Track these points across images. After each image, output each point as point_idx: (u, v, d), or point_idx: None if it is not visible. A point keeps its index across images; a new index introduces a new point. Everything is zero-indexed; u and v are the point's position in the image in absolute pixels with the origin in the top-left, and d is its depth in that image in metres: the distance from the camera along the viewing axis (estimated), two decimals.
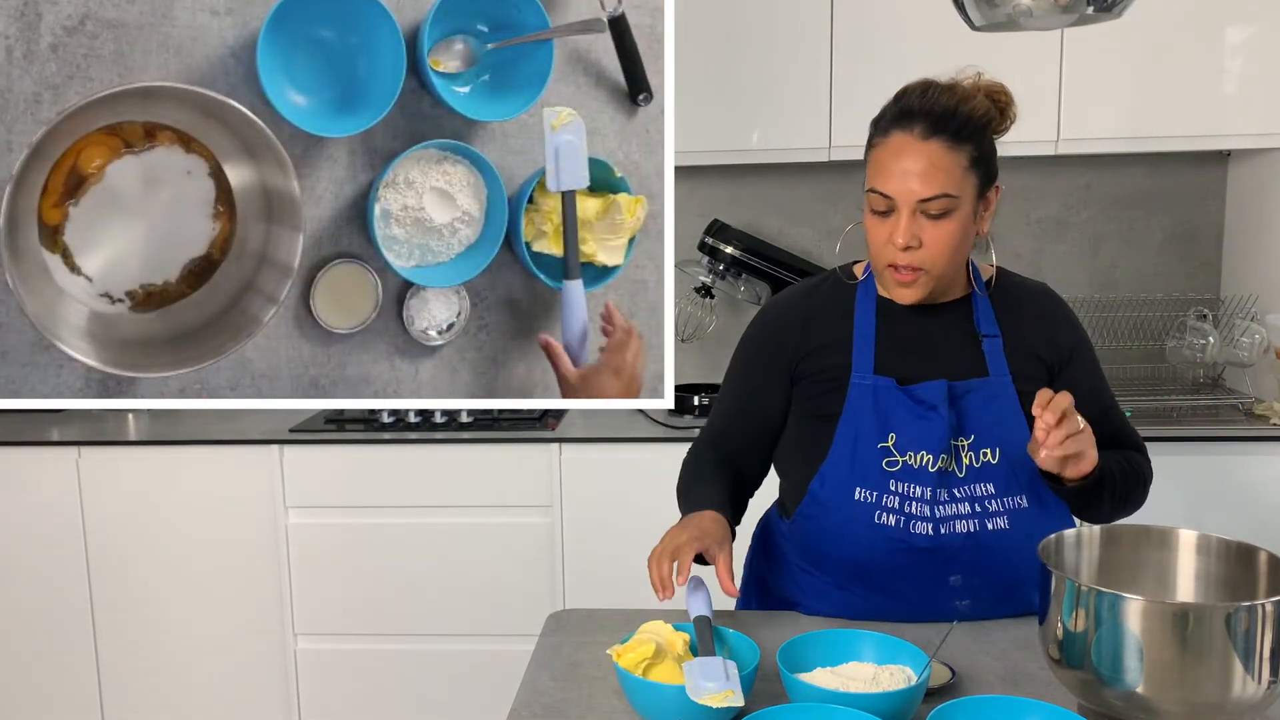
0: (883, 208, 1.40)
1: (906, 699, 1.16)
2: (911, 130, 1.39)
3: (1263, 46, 2.58)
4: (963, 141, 1.40)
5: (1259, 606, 1.05)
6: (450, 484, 2.58)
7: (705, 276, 2.79)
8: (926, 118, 1.38)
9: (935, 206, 1.38)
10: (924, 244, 1.40)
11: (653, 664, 1.24)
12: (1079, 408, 1.36)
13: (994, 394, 1.46)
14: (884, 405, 1.46)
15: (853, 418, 1.47)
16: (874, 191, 1.41)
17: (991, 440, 1.45)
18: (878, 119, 1.44)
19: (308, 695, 2.67)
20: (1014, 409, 1.46)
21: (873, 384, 1.47)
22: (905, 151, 1.38)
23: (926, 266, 1.41)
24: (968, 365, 1.48)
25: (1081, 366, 1.52)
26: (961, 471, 1.45)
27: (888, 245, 1.41)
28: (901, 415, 1.45)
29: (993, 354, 1.48)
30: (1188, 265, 3.03)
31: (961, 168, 1.40)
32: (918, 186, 1.37)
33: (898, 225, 1.39)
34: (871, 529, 1.45)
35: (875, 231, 1.43)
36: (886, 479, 1.45)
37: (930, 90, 1.41)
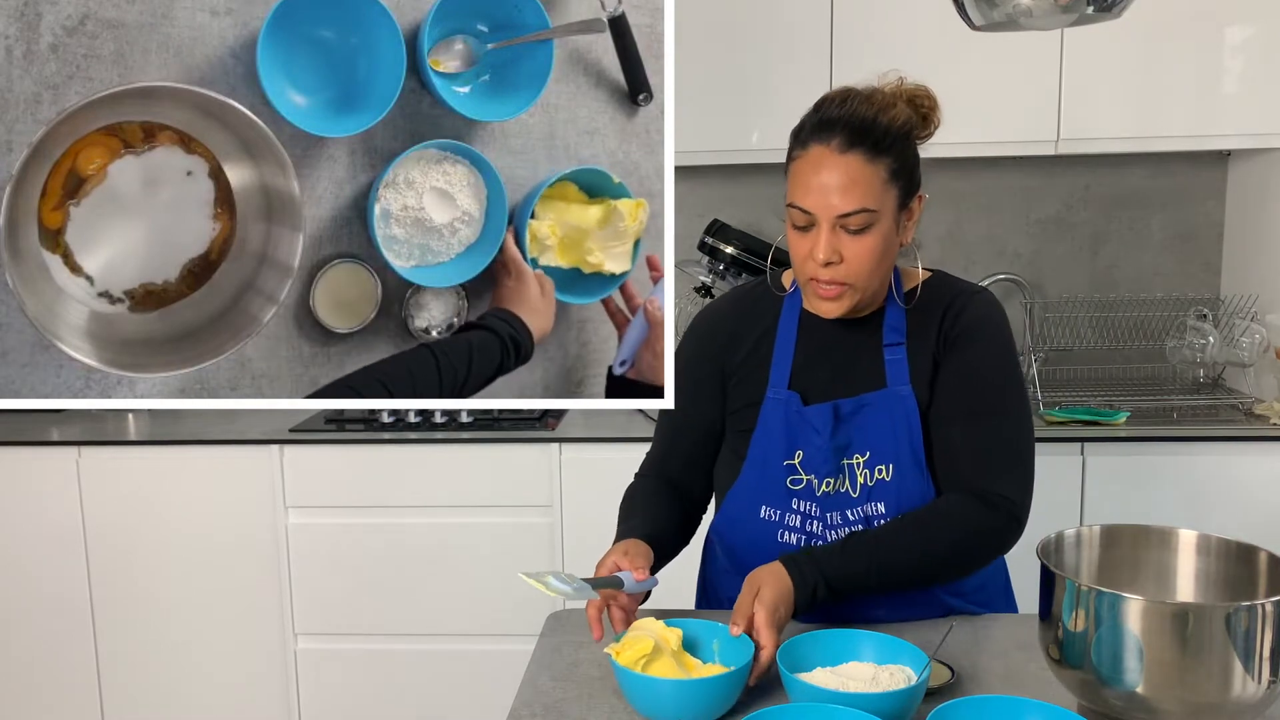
0: (803, 223, 1.39)
1: (906, 699, 1.16)
2: (829, 143, 1.36)
3: (1263, 46, 2.58)
4: (882, 153, 1.36)
5: (1259, 606, 1.05)
6: (450, 484, 2.58)
7: (705, 276, 2.79)
8: (844, 129, 1.36)
9: (855, 221, 1.36)
10: (845, 259, 1.38)
11: (650, 660, 1.24)
12: (948, 398, 1.42)
13: (889, 406, 1.44)
14: (791, 424, 1.46)
15: (764, 433, 1.48)
16: (793, 206, 1.39)
17: (885, 456, 1.44)
18: (797, 130, 1.42)
19: (308, 695, 2.67)
20: (909, 419, 1.43)
21: (785, 399, 1.47)
22: (823, 165, 1.36)
23: (850, 281, 1.39)
24: (870, 378, 1.46)
25: (970, 353, 1.43)
26: (855, 491, 1.45)
27: (808, 260, 1.39)
28: (802, 434, 1.45)
29: (894, 364, 1.45)
30: (1188, 265, 3.03)
31: (881, 180, 1.36)
32: (836, 201, 1.35)
33: (818, 240, 1.37)
34: (776, 547, 1.46)
35: (796, 246, 1.41)
36: (790, 497, 1.46)
37: (849, 99, 1.39)
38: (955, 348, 1.44)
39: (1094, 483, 2.50)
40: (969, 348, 1.44)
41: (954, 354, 1.44)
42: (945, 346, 1.45)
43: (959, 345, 1.44)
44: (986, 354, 1.44)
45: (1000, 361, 1.45)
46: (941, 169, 2.85)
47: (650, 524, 1.48)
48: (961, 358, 1.44)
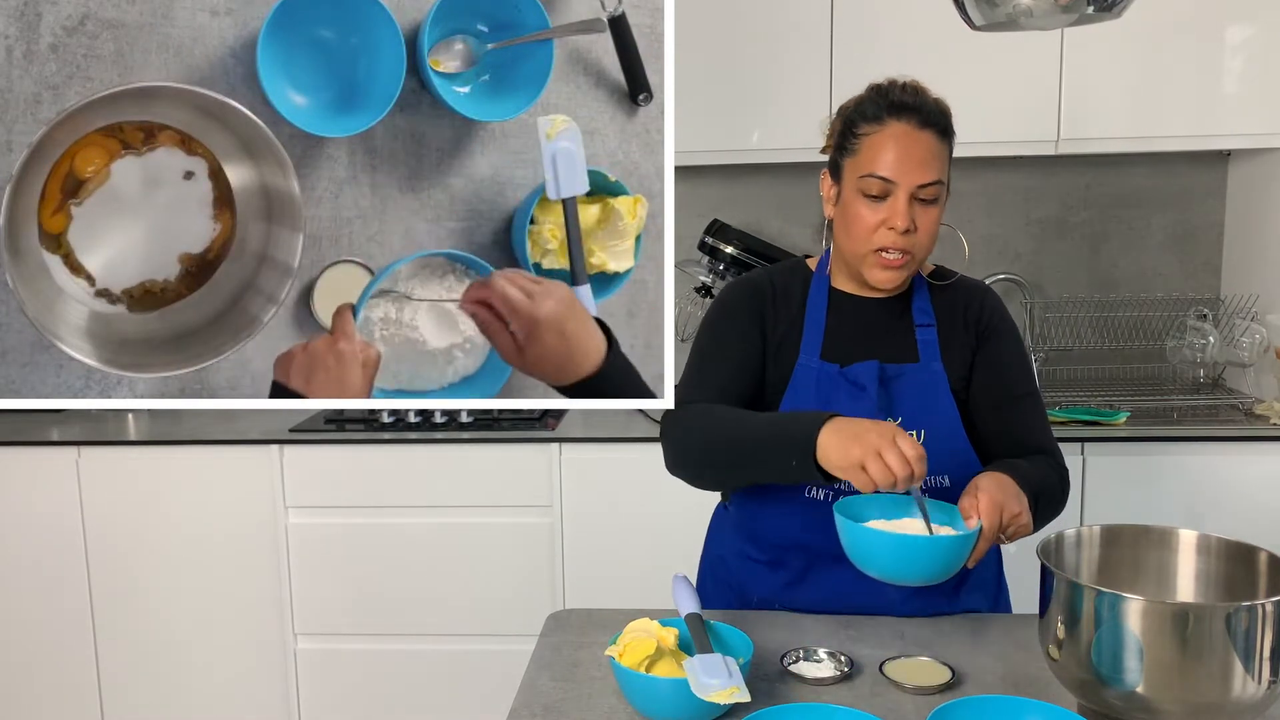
0: (878, 191, 1.44)
1: (959, 545, 1.26)
2: (910, 120, 1.43)
3: (1263, 46, 2.58)
4: (947, 137, 1.46)
5: (1259, 606, 1.05)
6: (450, 484, 2.58)
7: (705, 276, 2.79)
8: (918, 112, 1.44)
9: (929, 193, 1.44)
10: (916, 228, 1.44)
11: (653, 661, 1.24)
12: (990, 385, 1.51)
13: (924, 380, 1.51)
14: (825, 390, 1.49)
15: (794, 399, 1.51)
16: (871, 176, 1.44)
17: (918, 423, 1.49)
18: (862, 111, 1.47)
19: (308, 695, 2.67)
20: (943, 395, 1.51)
21: (817, 368, 1.50)
22: (904, 138, 1.43)
23: (915, 251, 1.45)
24: (902, 351, 1.52)
25: (1002, 345, 1.55)
26: None
27: (880, 230, 1.44)
28: (839, 399, 1.49)
29: (926, 342, 1.52)
30: (1188, 265, 3.03)
31: (945, 159, 1.46)
32: (917, 172, 1.42)
33: (895, 209, 1.43)
34: (804, 504, 1.49)
35: (866, 217, 1.45)
36: None
37: (913, 88, 1.47)
38: (991, 338, 1.55)
39: (1094, 483, 2.50)
40: (1005, 338, 1.56)
41: (991, 344, 1.55)
42: (980, 337, 1.55)
43: (995, 336, 1.55)
44: (1014, 341, 1.57)
45: (1021, 347, 1.59)
46: None
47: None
48: (1001, 347, 1.55)
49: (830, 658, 1.35)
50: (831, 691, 1.28)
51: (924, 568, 1.28)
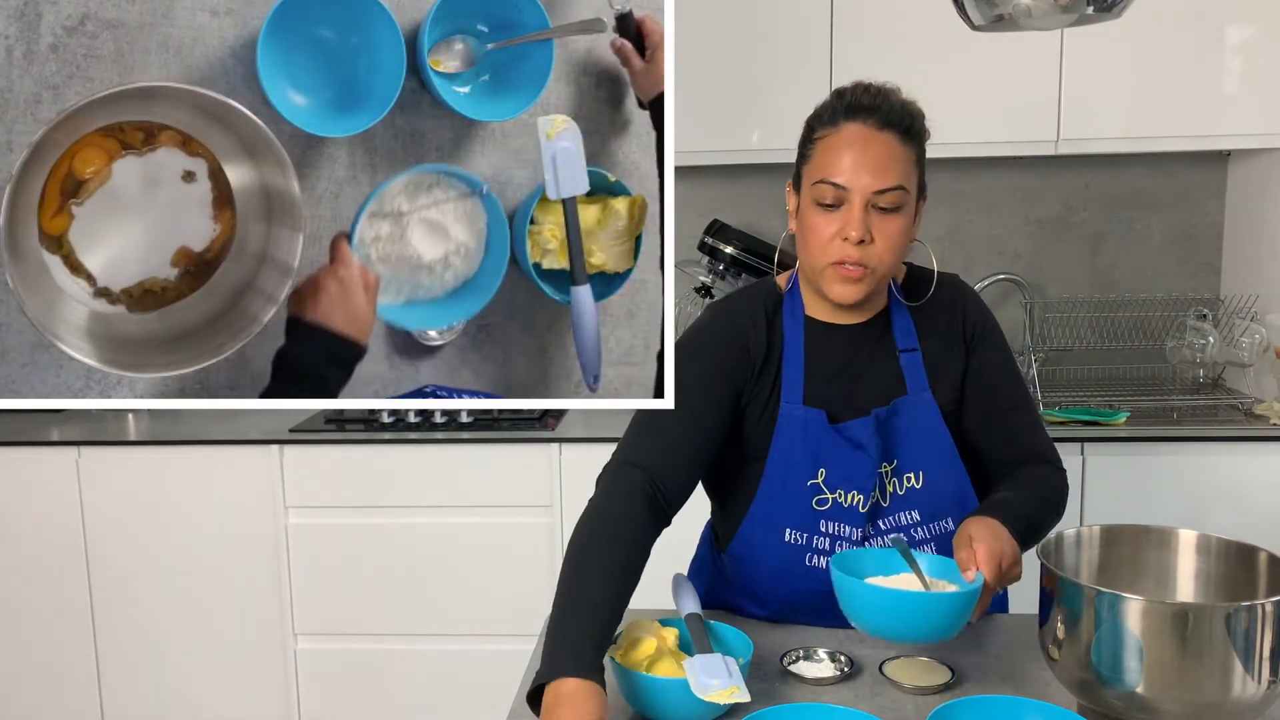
0: (832, 199, 1.33)
1: (962, 602, 1.20)
2: (866, 121, 1.34)
3: (1263, 46, 2.58)
4: (911, 138, 1.36)
5: (1259, 606, 1.05)
6: (450, 484, 2.58)
7: (705, 276, 2.79)
8: (880, 111, 1.34)
9: (888, 199, 1.33)
10: (874, 239, 1.34)
11: (653, 661, 1.24)
12: (982, 400, 1.45)
13: (916, 415, 1.43)
14: (814, 439, 1.41)
15: (783, 451, 1.41)
16: (824, 183, 1.33)
17: (915, 464, 1.43)
18: (820, 114, 1.39)
19: (308, 695, 2.67)
20: (934, 424, 1.43)
21: (803, 416, 1.41)
22: (859, 141, 1.33)
23: (873, 264, 1.34)
24: (889, 385, 1.44)
25: (989, 355, 1.48)
26: (886, 500, 1.43)
27: (834, 241, 1.34)
28: (831, 451, 1.40)
29: (911, 369, 1.44)
30: (1188, 265, 3.03)
31: (910, 163, 1.35)
32: (872, 177, 1.32)
33: (850, 218, 1.32)
34: (805, 572, 1.42)
35: (821, 227, 1.35)
36: (817, 519, 1.41)
37: (875, 89, 1.38)
38: (979, 347, 1.48)
39: (1094, 483, 2.50)
40: (991, 345, 1.50)
41: (979, 354, 1.48)
42: (968, 348, 1.48)
43: (982, 344, 1.49)
44: (1001, 346, 1.51)
45: (1007, 351, 1.53)
46: (941, 169, 2.84)
47: (606, 617, 1.23)
48: (989, 356, 1.49)
49: (830, 658, 1.35)
50: (831, 691, 1.28)
51: (928, 625, 1.22)
